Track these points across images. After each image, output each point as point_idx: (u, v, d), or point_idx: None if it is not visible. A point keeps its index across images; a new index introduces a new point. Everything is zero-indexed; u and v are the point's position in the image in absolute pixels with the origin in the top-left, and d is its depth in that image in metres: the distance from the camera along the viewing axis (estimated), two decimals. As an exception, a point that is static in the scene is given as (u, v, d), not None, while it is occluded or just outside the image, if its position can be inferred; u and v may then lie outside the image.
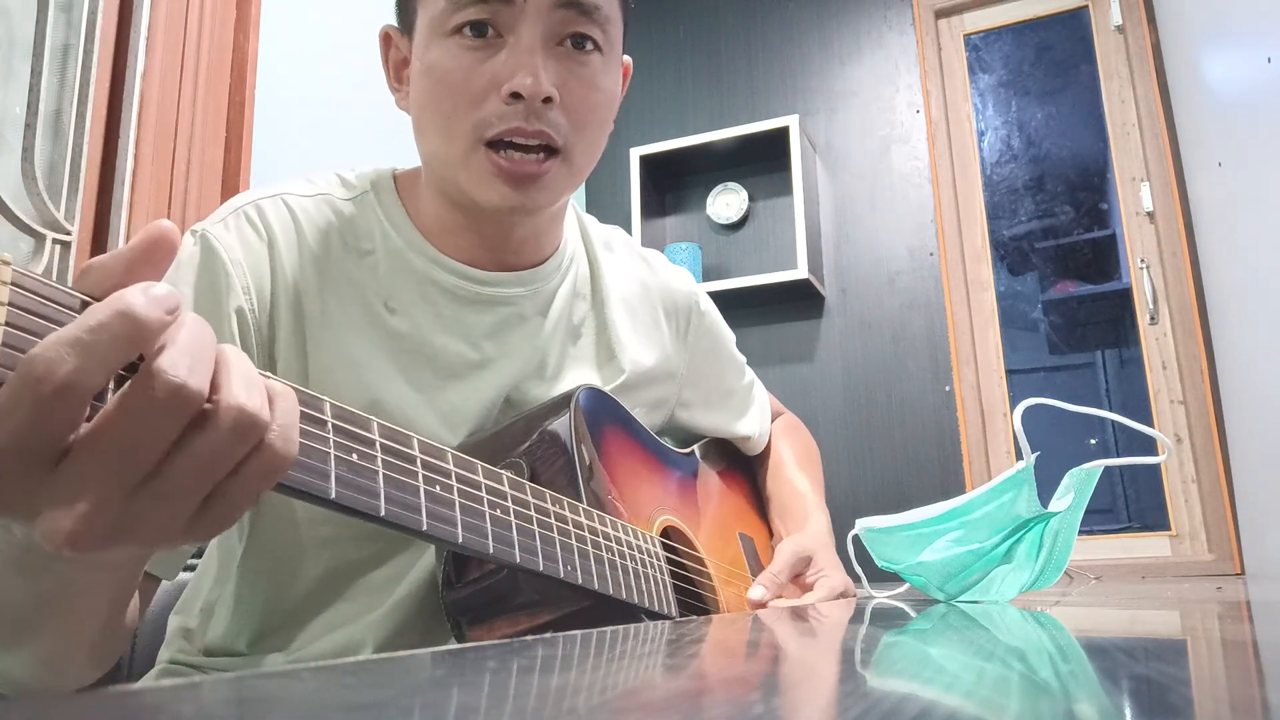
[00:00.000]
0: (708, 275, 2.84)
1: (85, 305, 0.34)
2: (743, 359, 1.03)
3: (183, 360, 0.33)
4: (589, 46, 0.69)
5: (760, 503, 1.03)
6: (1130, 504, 2.54)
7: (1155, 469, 2.32)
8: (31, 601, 0.43)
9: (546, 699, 0.26)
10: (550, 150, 0.68)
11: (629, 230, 2.78)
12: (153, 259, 0.36)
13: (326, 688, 0.28)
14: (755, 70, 2.95)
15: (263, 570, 0.71)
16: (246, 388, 0.35)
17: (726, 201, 2.89)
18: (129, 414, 0.32)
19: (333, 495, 0.41)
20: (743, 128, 2.75)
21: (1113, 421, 0.78)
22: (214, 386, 0.35)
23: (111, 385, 0.34)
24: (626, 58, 0.78)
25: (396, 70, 0.75)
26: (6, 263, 0.32)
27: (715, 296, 2.87)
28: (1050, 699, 0.26)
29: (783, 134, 2.70)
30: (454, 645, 0.65)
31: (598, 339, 0.83)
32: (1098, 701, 0.25)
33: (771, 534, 1.00)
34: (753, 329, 2.75)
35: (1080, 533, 0.78)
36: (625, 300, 0.86)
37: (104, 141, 1.55)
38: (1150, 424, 2.36)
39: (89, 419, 0.33)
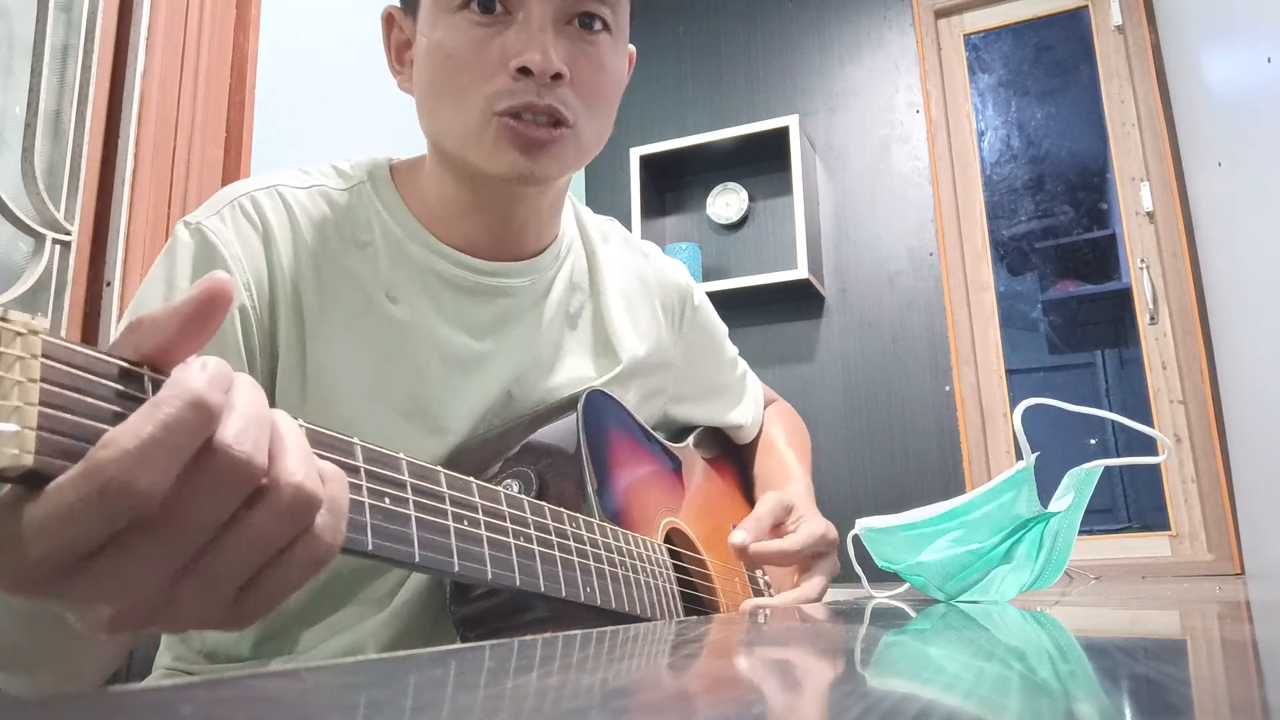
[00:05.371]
0: (708, 275, 2.83)
1: (123, 371, 0.31)
2: (735, 351, 1.04)
3: (248, 433, 0.31)
4: (598, 26, 0.68)
5: (750, 491, 1.03)
6: (1130, 504, 2.54)
7: (1155, 469, 2.32)
8: (35, 648, 0.43)
9: (546, 699, 0.26)
10: (558, 123, 0.67)
11: (629, 230, 2.79)
12: (207, 315, 0.33)
13: (326, 688, 0.28)
14: (755, 70, 2.94)
15: None
16: (303, 463, 0.33)
17: (726, 201, 2.89)
18: (189, 493, 0.30)
19: (369, 547, 0.40)
20: (743, 128, 2.75)
21: (1113, 421, 0.78)
22: (269, 459, 0.32)
23: None
24: (631, 46, 0.77)
25: (398, 52, 0.74)
26: (35, 332, 0.28)
27: (715, 296, 2.87)
28: (1050, 699, 0.26)
29: (783, 134, 2.69)
30: (455, 645, 0.65)
31: (594, 329, 0.83)
32: (1098, 701, 0.25)
33: None
34: (753, 329, 2.75)
35: (1080, 533, 0.78)
36: (622, 291, 0.87)
37: (104, 141, 1.55)
38: (1150, 424, 2.36)
39: None
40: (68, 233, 1.47)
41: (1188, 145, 2.34)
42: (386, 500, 0.42)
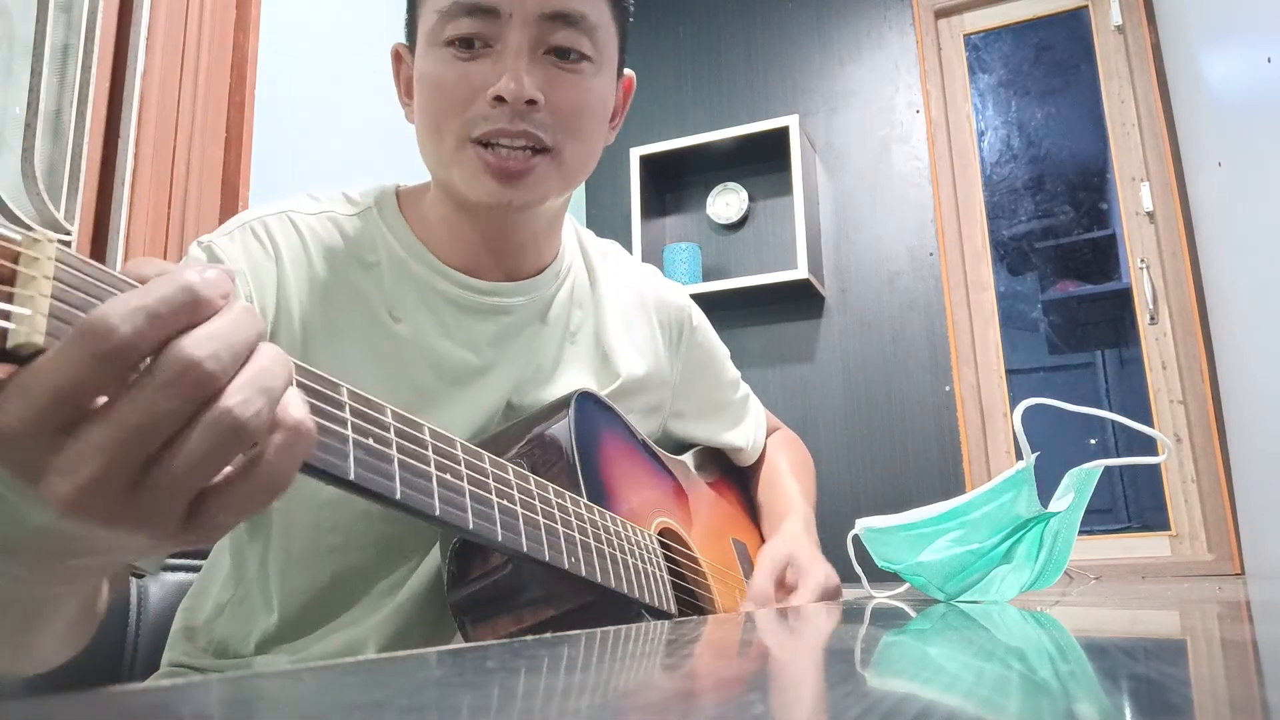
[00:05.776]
0: (708, 275, 2.84)
1: (129, 286, 0.34)
2: (737, 374, 1.04)
3: (208, 343, 0.33)
4: (574, 57, 0.70)
5: (753, 511, 1.03)
6: (1130, 504, 2.54)
7: (1155, 469, 2.32)
8: None
9: (546, 699, 0.26)
10: (539, 150, 0.69)
11: (629, 230, 2.79)
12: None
13: (326, 688, 0.28)
14: (755, 70, 2.94)
15: (273, 575, 0.72)
16: (258, 395, 0.34)
17: (726, 201, 2.89)
18: (146, 385, 0.32)
19: (351, 476, 0.42)
20: (743, 128, 2.75)
21: (1113, 421, 0.78)
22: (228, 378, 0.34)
23: None
24: (629, 72, 0.79)
25: (406, 86, 0.77)
26: (53, 241, 0.32)
27: (715, 296, 2.86)
28: (1050, 699, 0.26)
29: (783, 134, 2.69)
30: (454, 645, 0.65)
31: (595, 345, 0.84)
32: (1098, 701, 0.25)
33: (763, 540, 1.00)
34: (753, 329, 2.75)
35: (1080, 533, 0.78)
36: (621, 309, 0.88)
37: (104, 141, 1.55)
38: (1150, 424, 2.36)
39: None
40: (68, 233, 1.47)
41: (1188, 145, 2.34)
42: (371, 439, 0.44)
